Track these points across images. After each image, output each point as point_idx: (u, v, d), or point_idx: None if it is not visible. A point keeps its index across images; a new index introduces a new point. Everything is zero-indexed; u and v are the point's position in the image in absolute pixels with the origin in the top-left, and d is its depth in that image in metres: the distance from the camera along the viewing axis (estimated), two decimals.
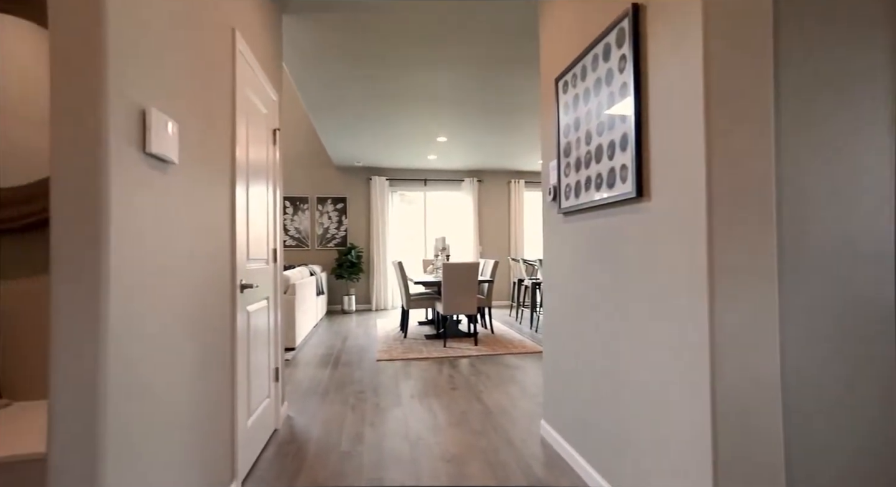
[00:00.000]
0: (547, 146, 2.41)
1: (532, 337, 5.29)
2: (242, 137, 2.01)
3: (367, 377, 3.73)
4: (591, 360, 1.93)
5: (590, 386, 1.95)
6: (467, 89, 4.35)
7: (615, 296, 1.72)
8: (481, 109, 4.89)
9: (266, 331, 2.40)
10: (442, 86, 4.26)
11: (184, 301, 1.41)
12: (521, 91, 4.39)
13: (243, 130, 2.03)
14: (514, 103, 4.73)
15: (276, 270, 2.65)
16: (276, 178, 2.66)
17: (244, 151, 2.04)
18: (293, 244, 7.81)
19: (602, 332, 1.83)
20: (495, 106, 4.81)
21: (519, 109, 4.90)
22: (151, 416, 1.21)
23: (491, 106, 4.81)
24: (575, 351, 2.10)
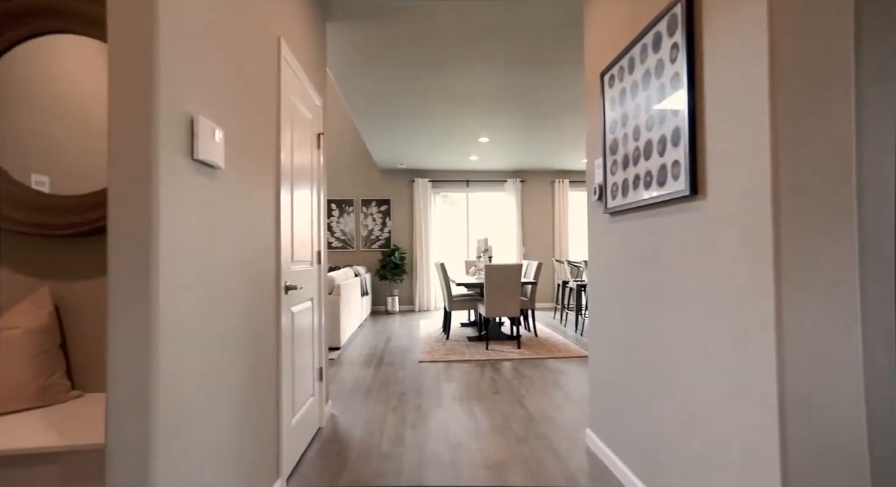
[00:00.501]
0: (592, 144, 2.32)
1: (577, 341, 5.14)
2: (287, 142, 2.07)
3: (409, 377, 3.75)
4: (639, 368, 1.83)
5: (638, 396, 1.85)
6: (508, 88, 4.28)
7: (666, 300, 1.61)
8: (523, 107, 4.81)
9: (310, 331, 2.46)
10: (483, 85, 4.22)
11: (230, 302, 1.45)
12: (563, 88, 4.27)
13: (288, 136, 2.08)
14: (556, 101, 4.62)
15: (320, 271, 2.70)
16: (319, 181, 2.72)
17: (289, 156, 2.10)
18: (339, 246, 8.01)
19: (651, 338, 1.73)
20: (537, 104, 4.72)
21: (562, 106, 4.77)
22: (199, 412, 1.25)
23: (533, 104, 4.72)
24: (622, 358, 2.00)
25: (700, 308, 1.42)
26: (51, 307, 1.67)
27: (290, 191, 2.11)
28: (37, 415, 1.47)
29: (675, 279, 1.56)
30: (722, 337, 1.32)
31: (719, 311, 1.33)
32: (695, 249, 1.44)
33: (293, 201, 2.17)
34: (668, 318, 1.61)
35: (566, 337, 5.42)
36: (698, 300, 1.43)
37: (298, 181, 2.27)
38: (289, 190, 2.09)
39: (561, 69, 3.85)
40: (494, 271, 4.67)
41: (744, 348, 1.24)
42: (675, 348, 1.56)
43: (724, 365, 1.32)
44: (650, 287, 1.73)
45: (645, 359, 1.79)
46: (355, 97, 4.49)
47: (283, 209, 1.98)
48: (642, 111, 1.71)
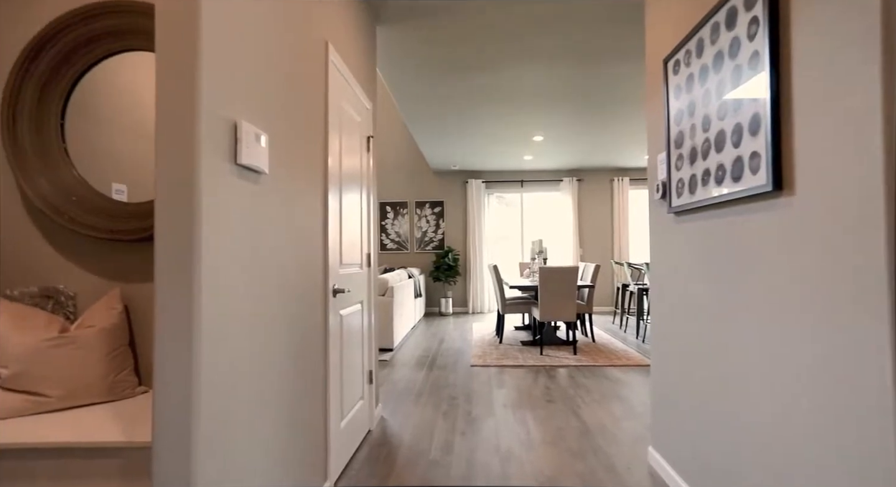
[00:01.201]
0: (654, 137, 2.14)
1: (638, 348, 4.83)
2: (335, 146, 2.07)
3: (460, 381, 3.68)
4: (709, 383, 1.64)
5: (708, 414, 1.66)
6: (563, 84, 4.11)
7: (742, 309, 1.43)
8: (579, 103, 4.60)
9: (360, 334, 2.46)
10: (536, 82, 4.07)
11: (276, 306, 1.46)
12: (622, 81, 4.03)
13: (336, 139, 2.09)
14: (614, 95, 4.37)
15: (370, 274, 2.71)
16: (369, 184, 2.73)
17: (337, 160, 2.10)
18: (393, 248, 8.12)
19: (724, 350, 1.54)
20: (594, 99, 4.49)
21: (621, 100, 4.51)
22: (246, 413, 1.26)
23: (589, 99, 4.50)
24: (691, 370, 1.81)
25: (786, 321, 1.23)
26: (121, 307, 1.77)
27: (338, 195, 2.12)
28: (106, 409, 1.56)
29: (754, 286, 1.37)
30: (815, 356, 1.14)
31: (811, 325, 1.14)
32: (780, 252, 1.25)
33: (342, 205, 2.18)
34: (744, 330, 1.42)
35: (626, 344, 5.12)
36: (784, 311, 1.24)
37: (347, 185, 2.28)
38: (337, 194, 2.10)
39: (618, 61, 3.63)
40: (549, 273, 4.50)
41: (850, 368, 1.05)
42: (752, 364, 1.37)
43: (818, 389, 1.13)
44: (723, 295, 1.55)
45: (718, 373, 1.60)
46: (407, 100, 4.50)
47: (331, 214, 1.98)
48: (713, 98, 1.53)
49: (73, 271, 1.84)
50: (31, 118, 1.85)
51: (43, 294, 1.81)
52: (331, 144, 1.99)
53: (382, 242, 8.12)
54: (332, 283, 1.98)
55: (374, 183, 2.84)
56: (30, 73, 1.84)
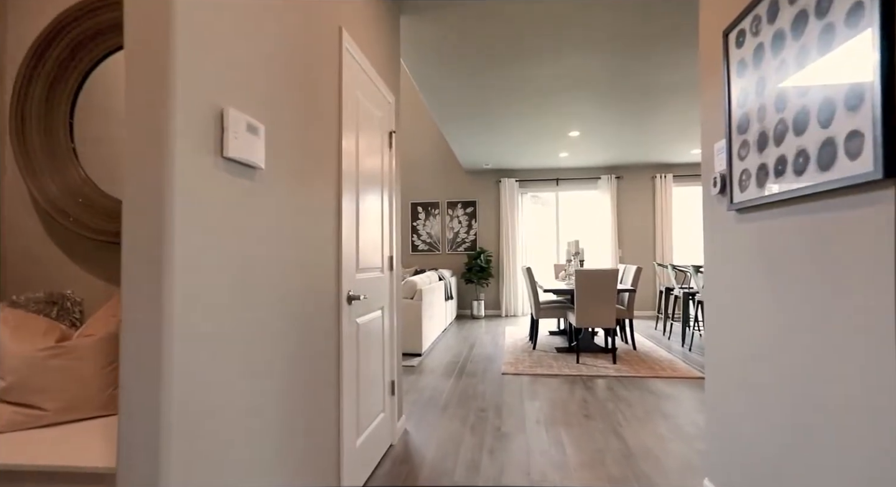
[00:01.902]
0: (709, 124, 1.86)
1: (685, 357, 4.46)
2: (350, 141, 1.92)
3: (490, 391, 3.47)
4: (781, 406, 1.37)
5: (780, 444, 1.38)
6: (606, 73, 3.82)
7: (826, 323, 1.16)
8: (620, 94, 4.29)
9: (380, 343, 2.30)
10: (576, 73, 3.81)
11: (275, 318, 1.30)
12: (665, 68, 3.71)
13: (352, 134, 1.93)
14: (656, 85, 4.04)
15: (393, 278, 2.55)
16: (392, 183, 2.57)
17: (353, 156, 1.95)
18: (424, 249, 7.98)
19: (807, 381, 1.27)
20: (637, 89, 4.17)
21: (666, 89, 4.17)
22: (229, 436, 1.11)
23: (632, 90, 4.18)
24: (758, 399, 1.54)
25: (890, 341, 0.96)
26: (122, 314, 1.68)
27: (354, 195, 1.96)
28: (103, 425, 1.46)
29: (845, 299, 1.10)
30: None
31: None
32: (882, 256, 0.99)
33: (359, 206, 2.02)
34: (827, 348, 1.15)
35: (671, 352, 4.75)
36: (888, 330, 0.97)
37: (366, 184, 2.12)
38: (353, 194, 1.94)
39: (660, 48, 3.32)
40: (586, 276, 4.21)
41: None
42: (835, 388, 1.10)
43: None
44: (801, 307, 1.27)
45: (787, 396, 1.33)
46: (435, 95, 4.33)
47: (345, 216, 1.83)
48: (790, 69, 1.26)
49: (82, 276, 1.76)
50: (40, 118, 1.79)
51: (48, 300, 1.73)
52: (345, 139, 1.84)
53: (413, 243, 8.00)
54: (346, 290, 1.82)
55: (397, 182, 2.68)
56: (38, 71, 1.78)
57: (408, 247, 8.03)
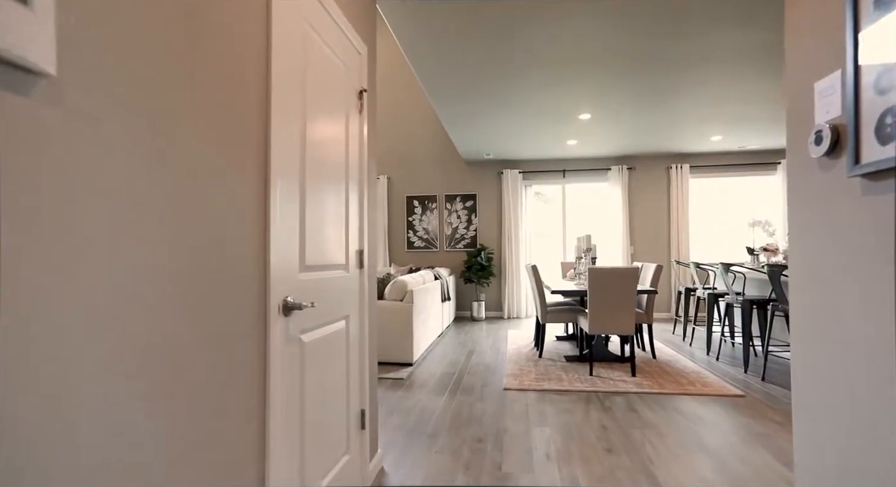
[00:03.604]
0: (803, 55, 1.30)
1: (711, 368, 3.90)
2: (290, 97, 1.36)
3: (489, 413, 2.92)
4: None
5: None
6: (625, 44, 3.25)
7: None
8: (640, 71, 3.71)
9: (343, 364, 1.75)
10: (584, 44, 3.24)
11: (128, 342, 0.75)
12: (695, 37, 3.13)
13: (294, 82, 1.38)
14: (684, 54, 3.46)
15: (364, 277, 1.99)
16: (363, 156, 2.01)
17: (294, 116, 1.39)
18: (421, 246, 7.43)
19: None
20: (656, 61, 3.60)
21: (691, 63, 3.59)
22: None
23: (650, 61, 3.61)
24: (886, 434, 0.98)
25: None
26: None
27: (295, 170, 1.41)
28: None
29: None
30: None
31: None
32: None
33: (307, 188, 1.47)
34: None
35: (695, 361, 4.19)
36: None
37: (319, 156, 1.57)
38: (292, 169, 1.39)
39: (683, 17, 2.75)
40: (601, 276, 3.65)
41: None
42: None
43: None
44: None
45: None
46: (430, 74, 3.77)
47: (277, 199, 1.28)
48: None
49: None
50: None
51: None
52: (278, 92, 1.28)
53: (409, 239, 7.45)
54: (279, 296, 1.27)
55: (371, 156, 2.13)
56: None
57: (403, 244, 7.49)
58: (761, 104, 4.64)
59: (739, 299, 3.98)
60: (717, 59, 3.60)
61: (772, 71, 3.79)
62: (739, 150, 6.66)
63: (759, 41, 3.28)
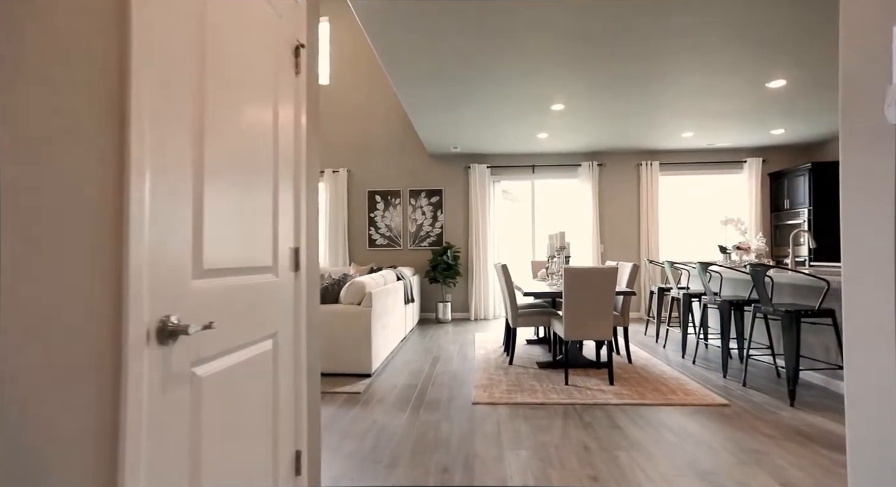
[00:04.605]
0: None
1: (688, 371, 3.70)
2: (177, 54, 0.94)
3: (457, 434, 2.56)
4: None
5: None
6: (593, 27, 2.95)
7: None
8: (613, 55, 3.44)
9: (268, 397, 1.33)
10: (560, 26, 2.92)
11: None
12: (668, 26, 2.87)
13: (178, 41, 0.96)
14: (657, 46, 3.21)
15: (302, 281, 1.58)
16: (301, 134, 1.60)
17: (186, 86, 0.97)
18: (383, 244, 7.00)
19: None
20: (631, 51, 3.33)
21: (666, 53, 3.35)
22: None
23: (625, 51, 3.34)
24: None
25: None
26: None
27: (185, 152, 0.99)
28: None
29: None
30: None
31: None
32: None
33: (207, 171, 1.05)
34: None
35: (670, 364, 3.99)
36: None
37: (231, 133, 1.15)
38: (178, 151, 0.97)
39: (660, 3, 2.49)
40: (578, 276, 3.36)
41: None
42: None
43: None
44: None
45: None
46: (392, 52, 3.36)
47: (141, 190, 0.86)
48: None
49: None
50: None
51: None
52: (143, 46, 0.86)
53: (371, 237, 7.00)
54: (152, 316, 0.85)
55: (314, 131, 1.71)
56: None
57: (364, 242, 7.03)
58: (734, 98, 4.49)
59: (717, 299, 3.80)
60: (694, 48, 3.37)
61: (747, 64, 3.61)
62: (708, 147, 6.60)
63: (733, 32, 3.07)
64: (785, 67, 3.78)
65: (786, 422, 2.70)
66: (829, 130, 5.81)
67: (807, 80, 4.04)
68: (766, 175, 6.71)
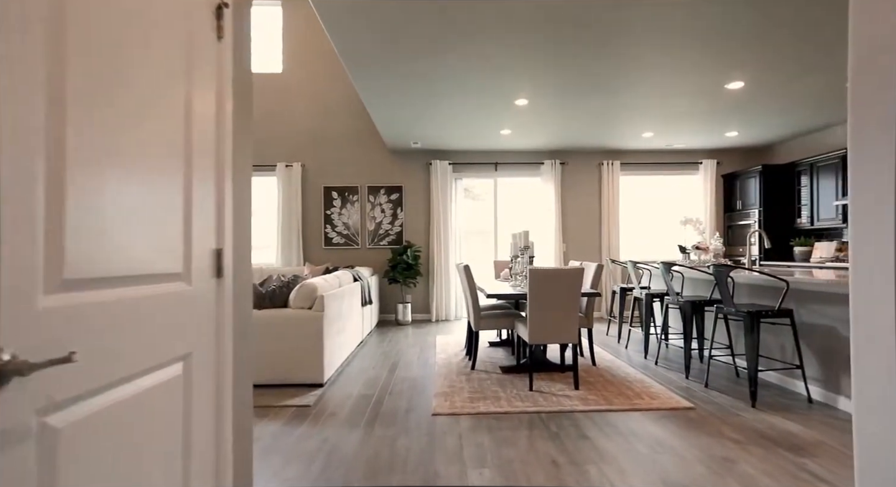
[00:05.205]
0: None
1: (651, 373, 3.65)
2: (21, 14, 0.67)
3: (416, 451, 2.34)
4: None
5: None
6: (561, 16, 2.80)
7: None
8: (579, 50, 3.31)
9: (176, 439, 1.06)
10: (521, 15, 2.76)
11: None
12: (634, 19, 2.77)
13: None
14: (623, 41, 3.11)
15: (226, 289, 1.31)
16: (225, 112, 1.33)
17: (35, 52, 0.70)
18: (340, 242, 6.67)
19: None
20: (597, 45, 3.21)
21: (631, 49, 3.26)
22: None
23: (591, 46, 3.22)
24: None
25: None
26: None
27: (39, 124, 0.72)
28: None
29: None
30: None
31: None
32: None
33: (66, 146, 0.79)
34: None
35: (633, 365, 3.94)
36: None
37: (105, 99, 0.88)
38: (31, 119, 0.70)
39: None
40: (544, 278, 3.22)
41: None
42: None
43: None
44: None
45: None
46: (347, 34, 3.08)
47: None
48: None
49: None
50: None
51: None
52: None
53: (327, 235, 6.65)
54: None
55: (244, 113, 1.44)
56: None
57: (320, 240, 6.67)
58: (695, 99, 4.51)
59: (679, 299, 3.77)
60: (661, 45, 3.30)
61: (709, 63, 3.59)
62: (667, 148, 6.68)
63: (695, 31, 3.01)
64: (743, 69, 3.79)
65: (749, 425, 2.66)
66: (779, 134, 6.00)
67: (762, 82, 4.08)
68: (720, 176, 6.88)
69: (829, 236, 5.75)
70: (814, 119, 5.32)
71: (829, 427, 2.62)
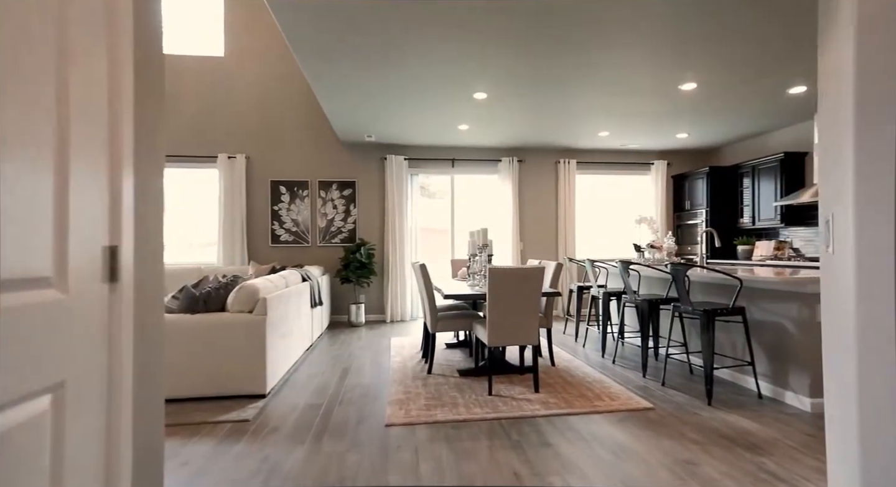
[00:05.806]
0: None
1: (609, 372, 3.62)
2: None
3: (367, 467, 2.13)
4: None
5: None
6: (515, 8, 2.67)
7: None
8: (539, 44, 3.20)
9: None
10: (481, 6, 2.60)
11: None
12: (593, 13, 2.69)
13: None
14: (583, 34, 3.03)
15: (122, 297, 1.05)
16: (121, 80, 1.06)
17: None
18: (289, 240, 6.28)
19: None
20: (567, 43, 3.12)
21: (591, 43, 3.19)
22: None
23: (551, 41, 3.12)
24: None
25: None
26: None
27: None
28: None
29: None
30: None
31: None
32: None
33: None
34: None
35: (591, 364, 3.90)
36: None
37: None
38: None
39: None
40: (503, 277, 3.08)
41: None
42: None
43: None
44: None
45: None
46: (296, 24, 2.79)
47: None
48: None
49: None
50: None
51: None
52: None
53: (275, 232, 6.25)
54: None
55: (147, 79, 1.18)
56: None
57: (266, 238, 6.26)
58: (650, 99, 4.54)
59: (637, 298, 3.76)
60: (620, 43, 3.24)
61: (664, 63, 3.59)
62: (622, 148, 6.78)
63: (653, 25, 2.98)
64: (697, 70, 3.82)
65: (708, 424, 2.64)
66: (725, 137, 6.21)
67: (713, 84, 4.15)
68: (671, 177, 7.07)
69: (768, 235, 6.03)
70: (757, 123, 5.53)
71: (782, 423, 2.65)
